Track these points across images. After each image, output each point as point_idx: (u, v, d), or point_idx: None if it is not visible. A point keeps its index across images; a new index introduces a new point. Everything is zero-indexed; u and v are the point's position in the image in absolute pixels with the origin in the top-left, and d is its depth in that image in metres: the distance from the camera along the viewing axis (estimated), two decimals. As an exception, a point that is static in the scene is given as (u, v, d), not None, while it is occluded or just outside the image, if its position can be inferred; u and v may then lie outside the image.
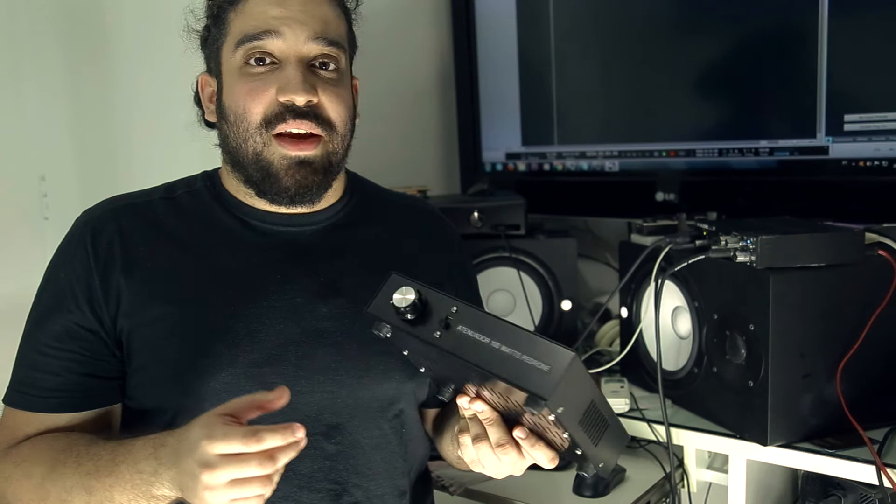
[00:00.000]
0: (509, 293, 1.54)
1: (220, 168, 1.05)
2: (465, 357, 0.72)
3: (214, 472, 0.72)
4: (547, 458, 0.83)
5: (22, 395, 0.94)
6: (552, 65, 1.76)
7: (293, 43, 0.93)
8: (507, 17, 1.78)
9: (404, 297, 0.74)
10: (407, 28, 1.88)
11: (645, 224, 1.41)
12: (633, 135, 1.66)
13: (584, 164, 1.74)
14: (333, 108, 0.96)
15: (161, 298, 0.94)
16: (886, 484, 1.06)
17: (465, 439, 0.86)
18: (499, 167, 1.86)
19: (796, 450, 1.15)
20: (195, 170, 1.06)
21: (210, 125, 1.06)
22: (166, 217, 0.99)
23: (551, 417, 0.70)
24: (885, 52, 1.33)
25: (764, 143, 1.49)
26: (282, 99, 0.93)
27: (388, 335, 0.77)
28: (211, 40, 1.00)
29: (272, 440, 0.73)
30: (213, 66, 1.00)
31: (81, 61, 1.56)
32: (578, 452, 0.79)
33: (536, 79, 1.78)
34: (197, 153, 1.07)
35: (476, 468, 0.90)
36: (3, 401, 0.96)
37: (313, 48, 0.95)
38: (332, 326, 0.97)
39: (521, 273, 1.52)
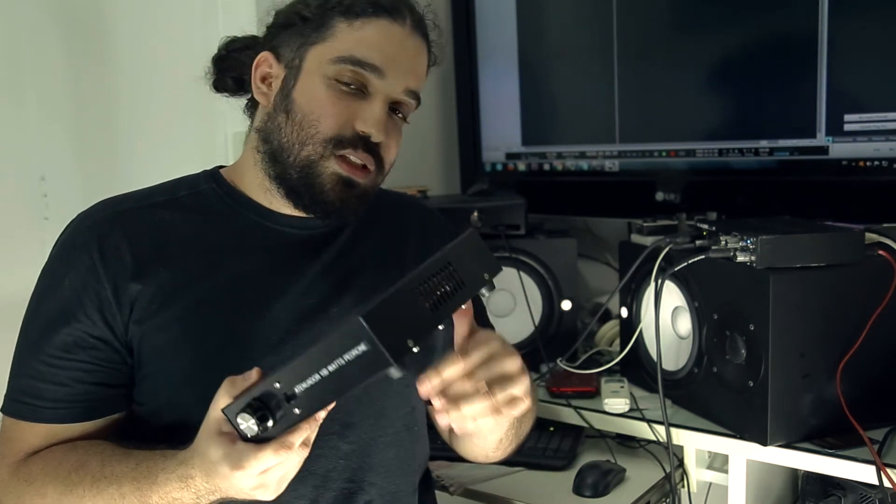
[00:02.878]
0: (509, 293, 1.54)
1: (222, 167, 1.04)
2: (325, 403, 0.74)
3: (267, 486, 0.78)
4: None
5: (26, 405, 0.92)
6: (552, 64, 1.76)
7: (391, 86, 0.94)
8: (507, 16, 1.78)
9: (248, 423, 0.74)
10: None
11: (645, 224, 1.41)
12: (633, 135, 1.66)
13: (584, 164, 1.74)
14: (391, 151, 0.98)
15: (172, 304, 0.92)
16: (886, 484, 1.06)
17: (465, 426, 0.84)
18: (499, 167, 1.86)
19: (796, 450, 1.15)
20: (196, 169, 1.05)
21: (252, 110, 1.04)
22: (173, 220, 0.97)
23: (416, 350, 0.70)
24: (885, 52, 1.33)
25: (764, 143, 1.49)
26: (360, 129, 0.93)
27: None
28: (298, 30, 0.96)
29: (300, 437, 0.76)
30: (289, 56, 0.96)
31: (82, 61, 1.55)
32: (482, 293, 0.80)
33: (536, 78, 1.78)
34: (197, 152, 1.07)
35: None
36: (2, 410, 0.94)
37: (402, 97, 0.96)
38: None
39: (521, 273, 1.52)
